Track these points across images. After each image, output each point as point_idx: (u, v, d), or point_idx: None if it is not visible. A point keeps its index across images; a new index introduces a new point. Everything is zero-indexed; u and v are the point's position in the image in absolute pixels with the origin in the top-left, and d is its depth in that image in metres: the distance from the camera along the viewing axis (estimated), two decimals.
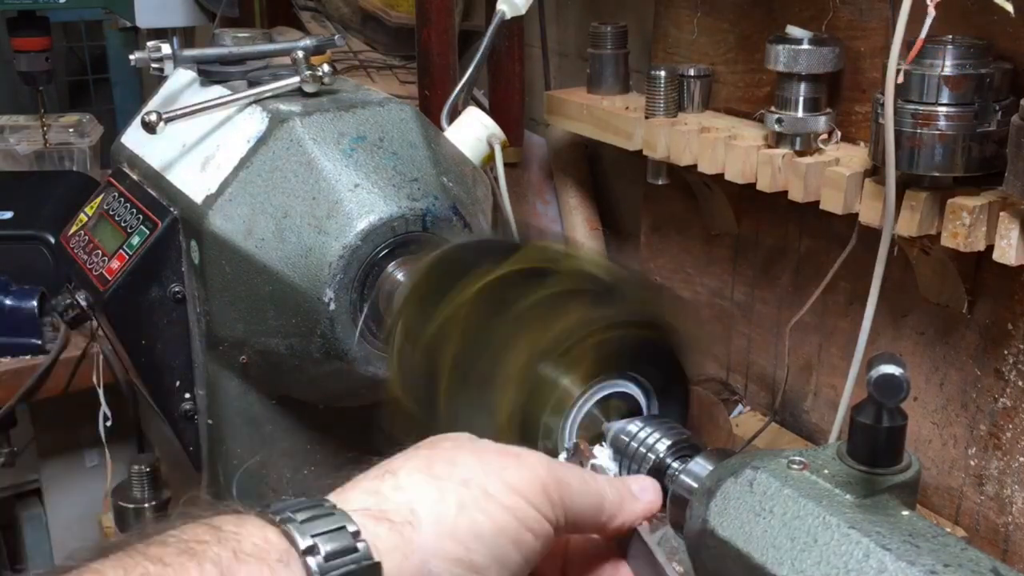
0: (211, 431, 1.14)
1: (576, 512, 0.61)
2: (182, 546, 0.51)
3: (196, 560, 0.50)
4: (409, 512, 0.56)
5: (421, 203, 1.01)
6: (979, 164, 1.02)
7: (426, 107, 1.52)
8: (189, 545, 0.51)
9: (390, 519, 0.56)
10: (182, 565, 0.49)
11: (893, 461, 0.59)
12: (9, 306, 1.59)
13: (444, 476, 0.58)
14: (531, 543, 0.58)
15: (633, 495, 0.65)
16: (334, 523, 0.54)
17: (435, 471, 0.58)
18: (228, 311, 1.05)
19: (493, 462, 0.59)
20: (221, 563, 0.50)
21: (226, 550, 0.51)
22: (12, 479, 1.97)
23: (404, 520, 0.56)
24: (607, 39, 1.49)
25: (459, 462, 0.59)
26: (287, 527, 0.53)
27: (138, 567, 0.49)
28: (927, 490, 1.23)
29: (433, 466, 0.59)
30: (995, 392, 1.14)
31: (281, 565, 0.52)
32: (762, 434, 1.39)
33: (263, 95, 1.08)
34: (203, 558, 0.50)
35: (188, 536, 0.52)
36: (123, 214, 1.16)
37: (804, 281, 1.35)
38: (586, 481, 0.63)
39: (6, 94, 3.49)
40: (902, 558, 0.53)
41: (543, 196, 1.80)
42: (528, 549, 0.58)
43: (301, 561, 0.52)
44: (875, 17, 1.19)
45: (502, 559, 0.57)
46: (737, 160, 1.25)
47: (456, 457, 0.59)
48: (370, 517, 0.55)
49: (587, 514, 0.62)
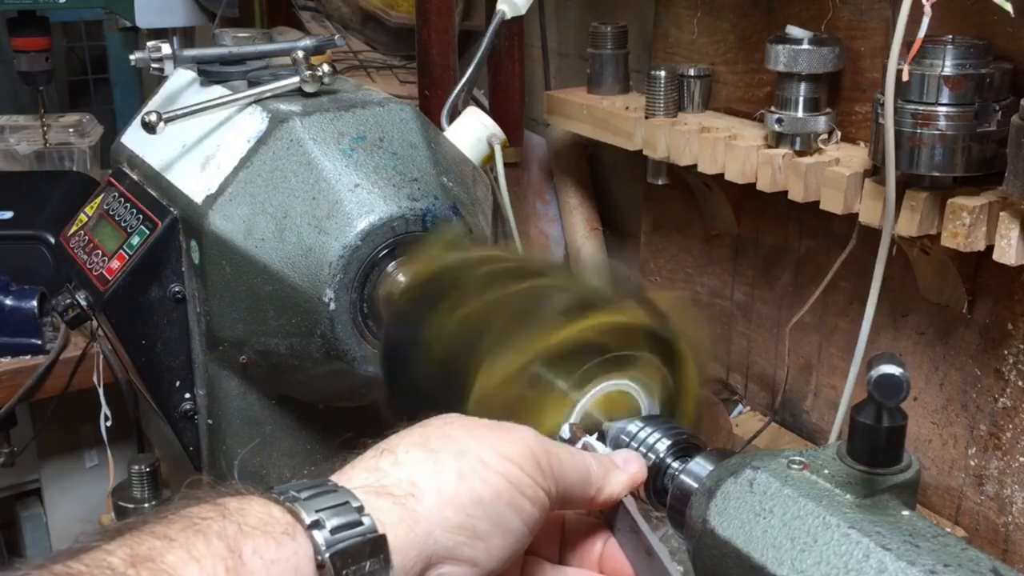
0: (211, 431, 1.14)
1: (565, 484, 0.62)
2: (186, 523, 0.51)
3: (202, 535, 0.50)
4: (410, 485, 0.57)
5: (421, 203, 1.01)
6: (979, 164, 1.02)
7: (426, 107, 1.52)
8: (194, 522, 0.51)
9: (392, 493, 0.57)
10: (188, 540, 0.50)
11: (893, 461, 0.59)
12: (9, 306, 1.59)
13: (440, 450, 0.59)
14: (529, 509, 0.60)
15: (618, 467, 0.67)
16: (338, 499, 0.55)
17: (431, 446, 0.59)
18: (228, 311, 1.05)
19: (485, 435, 0.61)
20: (226, 536, 0.50)
21: (231, 524, 0.51)
22: (12, 479, 1.97)
23: (406, 493, 0.57)
24: (607, 39, 1.49)
25: (453, 436, 0.60)
26: (291, 504, 0.54)
27: (144, 543, 0.49)
28: (927, 490, 1.23)
29: (429, 441, 0.60)
30: (995, 392, 1.14)
31: (287, 537, 0.52)
32: (762, 434, 1.39)
33: (263, 95, 1.08)
34: (208, 532, 0.50)
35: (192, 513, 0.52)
36: (123, 214, 1.16)
37: (804, 281, 1.35)
38: (573, 454, 0.64)
39: (6, 94, 3.49)
40: (902, 558, 0.53)
41: (543, 196, 1.80)
42: (527, 515, 0.60)
43: (307, 535, 0.53)
44: (875, 17, 1.19)
45: (503, 525, 0.59)
46: (737, 160, 1.25)
47: (450, 432, 0.61)
48: (372, 492, 0.56)
49: (576, 487, 0.63)
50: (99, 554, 0.49)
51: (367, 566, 0.53)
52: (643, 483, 0.68)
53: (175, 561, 0.49)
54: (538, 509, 0.60)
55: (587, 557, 0.68)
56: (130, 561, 0.48)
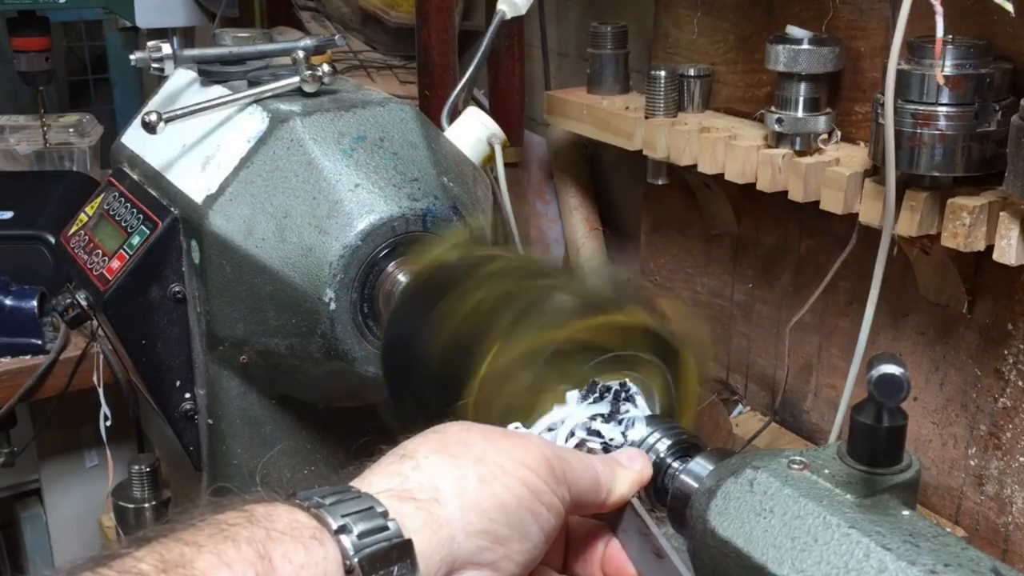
0: (211, 431, 1.14)
1: (578, 490, 0.63)
2: (215, 529, 0.51)
3: (231, 540, 0.51)
4: (433, 489, 0.57)
5: (421, 203, 1.01)
6: (979, 164, 1.02)
7: (426, 107, 1.52)
8: (222, 528, 0.52)
9: (415, 498, 0.57)
10: (217, 545, 0.50)
11: (893, 461, 0.59)
12: (9, 306, 1.59)
13: (460, 455, 0.59)
14: (546, 515, 0.60)
15: (623, 466, 0.67)
16: (362, 504, 0.55)
17: (451, 451, 0.60)
18: (228, 311, 1.05)
19: (502, 442, 0.61)
20: (255, 542, 0.51)
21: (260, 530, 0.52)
22: (12, 479, 1.97)
23: (429, 497, 0.57)
24: (607, 39, 1.49)
25: (471, 442, 0.61)
26: (317, 511, 0.54)
27: (173, 550, 0.50)
28: (927, 490, 1.23)
29: (448, 447, 0.60)
30: (995, 392, 1.14)
31: (315, 542, 0.53)
32: (762, 434, 1.39)
33: (263, 95, 1.08)
34: (238, 538, 0.51)
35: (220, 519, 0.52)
36: (123, 214, 1.16)
37: (804, 281, 1.35)
38: (582, 460, 0.65)
39: (6, 94, 3.49)
40: (902, 558, 0.53)
41: (543, 196, 1.80)
42: (544, 521, 0.60)
43: (335, 540, 0.53)
44: (875, 17, 1.19)
45: (522, 530, 0.59)
46: (737, 160, 1.25)
47: (467, 438, 0.61)
48: (395, 497, 0.56)
49: (588, 492, 0.64)
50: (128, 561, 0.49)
51: (395, 571, 0.54)
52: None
53: (206, 567, 0.49)
54: (554, 516, 0.61)
55: (590, 561, 0.68)
56: (161, 567, 0.48)
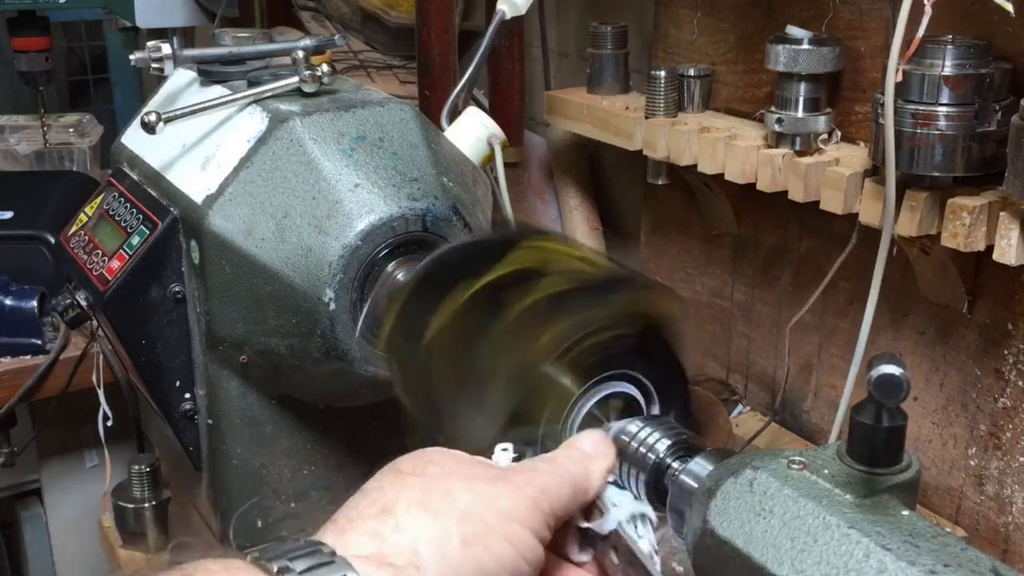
0: (211, 431, 1.14)
1: (562, 509, 0.62)
2: None
3: None
4: (412, 554, 0.55)
5: (421, 203, 1.01)
6: (979, 164, 1.02)
7: (426, 107, 1.52)
8: None
9: (392, 563, 0.54)
10: None
11: (893, 461, 0.59)
12: (9, 306, 1.59)
13: (443, 511, 0.57)
14: (525, 571, 0.59)
15: (590, 455, 0.66)
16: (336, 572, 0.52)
17: (433, 506, 0.57)
18: (228, 311, 1.05)
19: (487, 491, 0.59)
20: None
21: None
22: (12, 479, 1.97)
23: (408, 563, 0.54)
24: (607, 39, 1.49)
25: (454, 494, 0.58)
26: None
27: None
28: (927, 490, 1.23)
29: (431, 501, 0.58)
30: (995, 392, 1.14)
31: None
32: (762, 434, 1.39)
33: (263, 95, 1.08)
34: None
35: None
36: (123, 214, 1.16)
37: (804, 281, 1.35)
38: (557, 476, 0.63)
39: (6, 94, 3.49)
40: (902, 558, 0.53)
41: (543, 196, 1.80)
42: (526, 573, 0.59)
43: None
44: (875, 17, 1.19)
45: None
46: (737, 160, 1.25)
47: (450, 488, 0.59)
48: (372, 563, 0.54)
49: (568, 504, 0.63)
50: None
51: None
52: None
53: None
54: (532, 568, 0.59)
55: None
56: None
